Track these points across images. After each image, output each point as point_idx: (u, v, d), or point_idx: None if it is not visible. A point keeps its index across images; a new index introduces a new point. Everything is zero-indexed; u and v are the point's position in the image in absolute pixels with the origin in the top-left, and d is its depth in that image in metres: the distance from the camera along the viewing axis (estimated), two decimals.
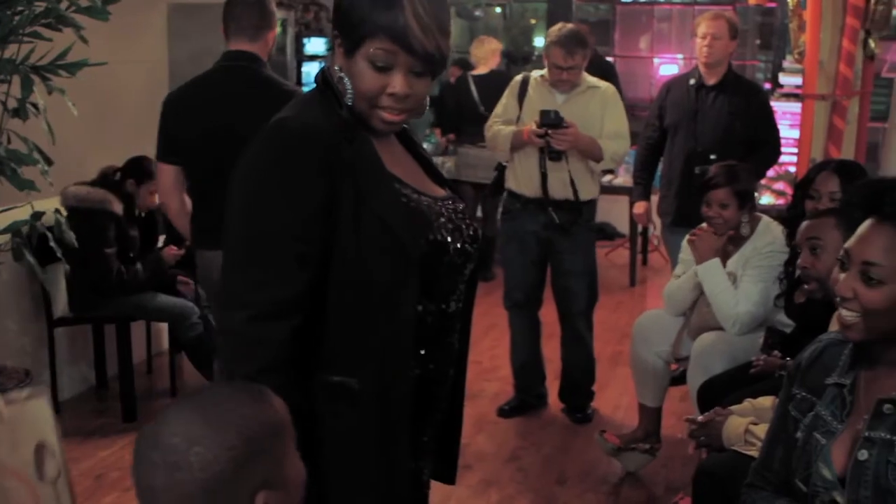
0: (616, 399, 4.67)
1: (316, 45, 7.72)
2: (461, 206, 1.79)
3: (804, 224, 2.81)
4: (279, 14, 7.51)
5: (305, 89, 8.36)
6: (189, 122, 3.40)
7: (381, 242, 1.60)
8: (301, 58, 7.63)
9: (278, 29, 7.40)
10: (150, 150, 5.98)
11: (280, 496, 1.23)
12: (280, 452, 1.24)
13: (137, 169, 4.50)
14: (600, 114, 4.24)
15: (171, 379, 4.65)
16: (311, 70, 7.95)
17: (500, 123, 4.34)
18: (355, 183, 1.60)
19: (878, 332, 1.76)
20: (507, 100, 4.39)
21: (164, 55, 6.56)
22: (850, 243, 1.78)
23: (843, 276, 1.78)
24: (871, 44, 5.19)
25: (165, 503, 1.19)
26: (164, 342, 5.01)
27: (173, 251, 4.51)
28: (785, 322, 3.34)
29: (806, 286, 2.83)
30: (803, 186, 3.37)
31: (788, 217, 3.43)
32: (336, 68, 1.66)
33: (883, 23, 5.30)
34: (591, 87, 4.29)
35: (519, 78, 4.41)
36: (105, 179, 4.42)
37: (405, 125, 1.76)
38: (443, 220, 1.70)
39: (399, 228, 1.61)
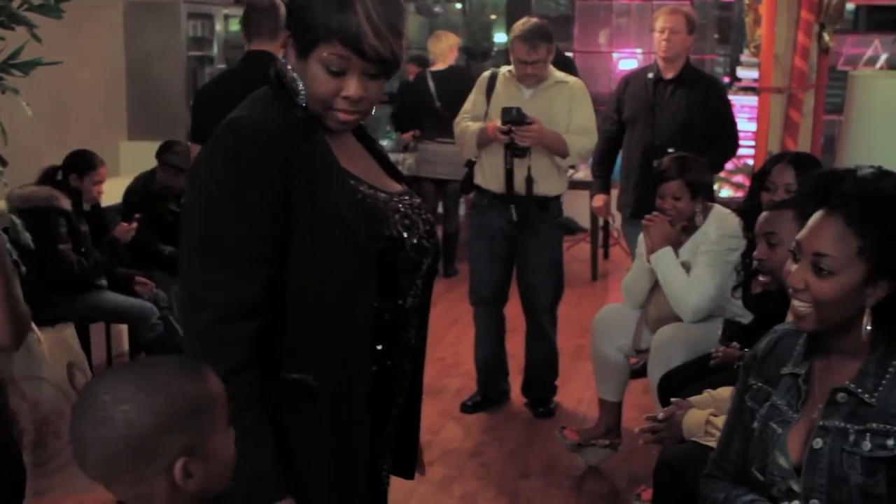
0: (579, 393, 4.69)
1: None
2: (417, 201, 1.80)
3: (762, 216, 2.83)
4: (231, 10, 7.52)
5: None
6: (213, 109, 3.71)
7: (338, 240, 1.61)
8: None
9: (233, 25, 7.39)
10: (106, 150, 5.92)
11: (200, 465, 1.30)
12: (207, 425, 1.31)
13: (79, 162, 4.48)
14: (567, 109, 4.23)
15: None
16: None
17: (469, 120, 4.34)
18: (310, 181, 1.61)
19: (829, 322, 1.77)
20: (475, 96, 4.40)
21: (120, 53, 6.52)
22: (801, 235, 1.78)
23: (794, 267, 1.78)
24: (826, 37, 5.25)
25: (91, 454, 1.28)
26: (125, 343, 4.96)
27: (124, 227, 4.51)
28: (741, 313, 3.36)
29: (761, 278, 2.85)
30: (759, 178, 3.40)
31: (745, 209, 3.46)
32: (289, 68, 1.67)
33: (837, 16, 5.36)
34: (558, 82, 4.28)
35: (487, 74, 4.41)
36: (47, 179, 4.39)
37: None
38: (398, 215, 1.71)
39: (355, 225, 1.62)
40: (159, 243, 4.80)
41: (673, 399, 2.79)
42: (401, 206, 1.74)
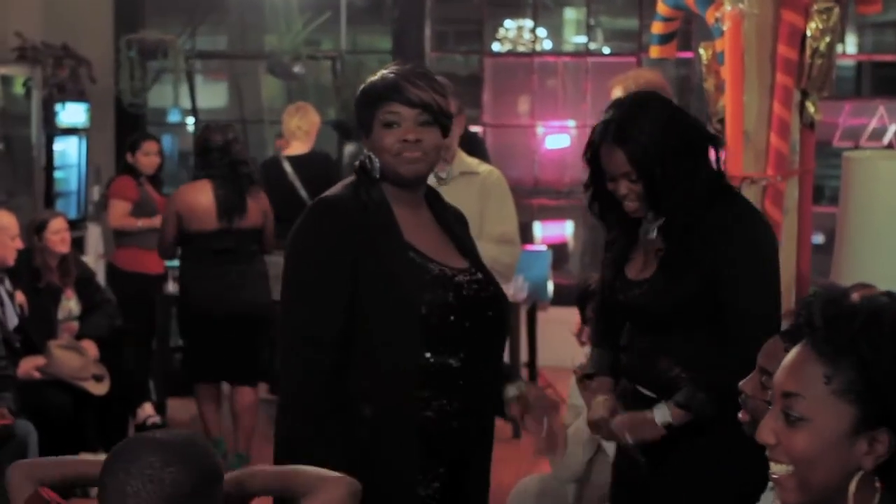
0: None
1: (74, 113, 6.69)
2: (479, 277, 2.54)
3: (767, 345, 2.49)
4: (20, 71, 6.78)
5: (60, 175, 7.69)
6: None
7: (386, 298, 2.43)
8: (52, 132, 6.60)
9: (20, 90, 6.65)
10: None
11: None
12: (217, 491, 1.85)
13: None
14: (478, 208, 4.04)
15: None
16: (66, 147, 6.89)
17: None
18: (374, 249, 2.45)
19: (816, 490, 1.62)
20: None
21: None
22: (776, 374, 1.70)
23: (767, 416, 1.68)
24: (811, 108, 4.79)
25: None
26: None
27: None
28: None
29: (740, 414, 2.55)
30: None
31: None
32: (365, 152, 2.52)
33: (822, 81, 4.91)
34: (465, 174, 4.13)
35: None
36: None
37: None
38: (452, 285, 2.48)
39: (403, 287, 2.43)
40: None
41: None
42: (457, 277, 2.48)
